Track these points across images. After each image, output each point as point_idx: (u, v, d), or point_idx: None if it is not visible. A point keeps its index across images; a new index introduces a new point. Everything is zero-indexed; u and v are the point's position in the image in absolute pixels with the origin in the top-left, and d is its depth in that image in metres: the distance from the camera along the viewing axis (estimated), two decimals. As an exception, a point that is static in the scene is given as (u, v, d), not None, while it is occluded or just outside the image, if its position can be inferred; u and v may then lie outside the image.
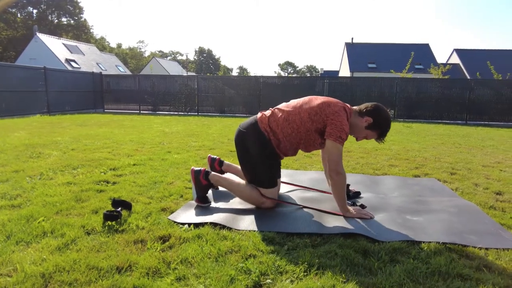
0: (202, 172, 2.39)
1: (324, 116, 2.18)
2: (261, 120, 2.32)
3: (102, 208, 2.24)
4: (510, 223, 2.17)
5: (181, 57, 74.48)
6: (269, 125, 2.29)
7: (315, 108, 2.21)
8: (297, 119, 2.23)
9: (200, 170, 2.40)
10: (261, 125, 2.31)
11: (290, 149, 2.35)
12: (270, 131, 2.28)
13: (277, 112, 2.32)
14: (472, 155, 4.71)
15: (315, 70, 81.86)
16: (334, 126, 2.14)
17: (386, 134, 2.31)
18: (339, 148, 2.14)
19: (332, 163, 2.15)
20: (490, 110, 12.20)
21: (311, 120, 2.20)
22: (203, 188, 2.38)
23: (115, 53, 52.03)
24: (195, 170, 2.41)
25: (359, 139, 2.35)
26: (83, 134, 6.02)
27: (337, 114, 2.16)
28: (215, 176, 2.41)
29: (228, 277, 1.47)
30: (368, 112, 2.24)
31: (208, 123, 9.09)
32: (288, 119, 2.26)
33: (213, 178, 2.40)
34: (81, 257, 1.61)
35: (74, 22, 46.42)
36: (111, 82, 14.72)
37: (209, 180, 2.39)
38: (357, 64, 30.69)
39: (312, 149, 2.37)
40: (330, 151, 2.16)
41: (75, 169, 3.34)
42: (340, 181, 2.15)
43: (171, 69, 45.29)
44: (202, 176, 2.38)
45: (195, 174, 2.39)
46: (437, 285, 1.44)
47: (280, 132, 2.27)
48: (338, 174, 2.14)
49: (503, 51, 30.58)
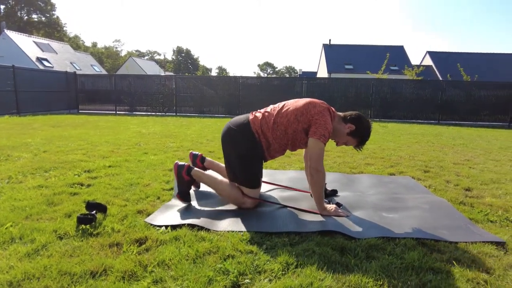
0: (185, 168, 2.38)
1: (309, 116, 2.23)
2: (253, 122, 2.33)
3: (75, 212, 2.17)
4: (478, 218, 2.26)
5: (158, 57, 73.40)
6: (261, 127, 2.31)
7: (301, 108, 2.26)
8: (284, 121, 2.28)
9: (183, 165, 2.40)
10: (253, 126, 2.31)
11: (278, 151, 2.39)
12: (261, 133, 2.30)
13: (267, 115, 2.34)
14: (444, 153, 4.89)
15: (294, 71, 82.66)
16: (318, 125, 2.20)
17: (365, 142, 2.39)
18: (321, 147, 2.19)
19: (313, 161, 2.19)
20: (461, 110, 12.72)
21: (298, 121, 2.25)
22: (185, 184, 2.37)
23: (90, 52, 50.59)
24: (178, 165, 2.40)
25: (339, 144, 2.41)
26: (56, 136, 5.80)
27: (322, 114, 2.22)
28: (197, 172, 2.40)
29: (206, 278, 1.46)
30: (352, 119, 2.32)
31: (186, 124, 8.99)
32: (276, 121, 2.29)
33: (195, 174, 2.39)
34: (53, 263, 1.55)
35: (46, 19, 44.75)
36: (86, 82, 14.29)
37: (191, 176, 2.38)
38: (335, 65, 31.20)
39: (297, 148, 2.41)
40: (313, 149, 2.20)
41: (47, 172, 3.21)
42: (319, 178, 2.19)
43: (149, 68, 44.44)
44: (185, 172, 2.37)
45: (178, 169, 2.38)
46: (411, 279, 1.49)
47: (270, 135, 2.30)
48: (318, 171, 2.18)
49: (471, 53, 31.95)
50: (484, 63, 29.68)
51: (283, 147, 2.36)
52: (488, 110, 12.63)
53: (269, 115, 2.34)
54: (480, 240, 1.88)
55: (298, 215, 2.20)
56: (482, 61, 30.11)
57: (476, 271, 1.57)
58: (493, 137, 7.63)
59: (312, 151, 2.20)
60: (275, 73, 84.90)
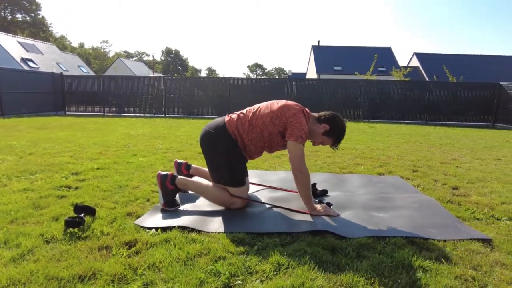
0: (168, 177, 2.33)
1: (284, 119, 2.25)
2: (229, 123, 2.34)
3: (63, 215, 2.12)
4: (465, 216, 2.31)
5: (147, 58, 72.69)
6: (237, 128, 2.32)
7: (276, 111, 2.28)
8: (260, 123, 2.29)
9: (166, 175, 2.34)
10: (229, 127, 2.32)
11: (255, 152, 2.41)
12: (237, 134, 2.32)
13: (243, 116, 2.36)
14: (431, 153, 4.97)
15: (283, 72, 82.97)
16: (294, 127, 2.22)
17: (341, 141, 2.42)
18: (300, 148, 2.21)
19: (294, 163, 2.20)
20: (447, 111, 12.96)
21: (273, 124, 2.27)
22: (170, 193, 2.32)
23: (77, 53, 49.82)
24: (161, 174, 2.34)
25: (316, 144, 2.44)
26: (42, 138, 5.69)
27: (296, 116, 2.25)
28: (182, 180, 2.36)
29: (197, 280, 1.45)
30: (326, 119, 2.34)
31: (176, 125, 8.92)
32: (252, 123, 2.31)
33: (180, 183, 2.35)
34: (39, 268, 1.51)
35: (31, 19, 43.86)
36: (73, 83, 14.05)
37: (175, 184, 2.33)
38: (324, 67, 31.45)
39: (275, 150, 2.43)
40: (292, 151, 2.21)
41: (33, 175, 3.14)
42: (304, 179, 2.20)
43: (137, 69, 44.00)
44: (169, 181, 2.32)
45: (162, 179, 2.32)
46: (401, 277, 1.50)
47: (246, 136, 2.31)
48: (301, 172, 2.20)
49: (457, 55, 32.60)
50: (469, 64, 30.32)
51: (259, 149, 2.38)
52: (473, 111, 12.89)
53: (244, 116, 2.35)
54: (467, 238, 1.91)
55: (289, 216, 2.21)
56: (467, 62, 30.75)
57: (464, 268, 1.59)
58: (478, 136, 7.79)
59: (292, 153, 2.22)
60: (265, 74, 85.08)
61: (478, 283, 1.48)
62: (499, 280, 1.51)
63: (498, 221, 2.24)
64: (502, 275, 1.55)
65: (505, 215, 2.34)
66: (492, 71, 29.42)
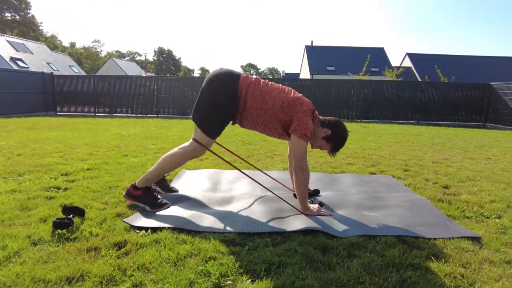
0: (130, 188, 2.32)
1: (294, 111, 2.22)
2: (243, 80, 2.26)
3: (51, 216, 2.09)
4: (455, 214, 2.33)
5: (139, 58, 72.23)
6: (247, 88, 2.24)
7: (289, 99, 2.24)
8: (270, 101, 2.24)
9: (127, 188, 2.35)
10: (241, 83, 2.24)
11: (249, 122, 2.32)
12: (244, 93, 2.24)
13: (258, 82, 2.29)
14: (423, 153, 5.02)
15: (277, 72, 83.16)
16: (300, 123, 2.19)
17: (339, 149, 2.40)
18: (304, 145, 2.19)
19: (297, 160, 2.19)
20: (439, 111, 13.10)
21: (281, 109, 2.23)
22: (145, 197, 2.30)
23: (68, 52, 49.28)
24: (125, 193, 2.36)
25: (314, 146, 2.42)
26: (31, 138, 5.60)
27: (306, 113, 2.22)
28: (141, 179, 2.33)
29: (187, 281, 1.43)
30: (329, 124, 2.33)
31: (168, 125, 8.87)
32: (263, 95, 2.25)
33: (141, 182, 2.32)
34: (26, 270, 1.48)
35: (20, 18, 43.22)
36: (64, 83, 13.88)
37: (139, 187, 2.31)
38: (317, 67, 31.57)
39: (270, 134, 2.37)
40: (296, 147, 2.20)
41: (21, 176, 3.09)
42: (303, 177, 2.19)
43: (129, 69, 43.66)
44: (132, 190, 2.31)
45: (128, 195, 2.33)
46: (391, 276, 1.51)
47: (250, 101, 2.24)
48: (303, 170, 2.18)
49: (449, 55, 32.99)
50: (460, 65, 30.72)
51: (254, 122, 2.31)
52: (464, 111, 13.06)
53: (260, 83, 2.29)
54: (457, 236, 1.93)
55: (280, 215, 2.20)
56: (458, 63, 31.15)
57: (453, 266, 1.60)
58: (469, 136, 7.89)
59: (295, 149, 2.20)
60: (258, 74, 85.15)
61: (467, 281, 1.49)
62: (487, 277, 1.53)
63: (487, 219, 2.26)
64: (490, 272, 1.56)
65: (494, 213, 2.37)
66: (482, 72, 29.87)
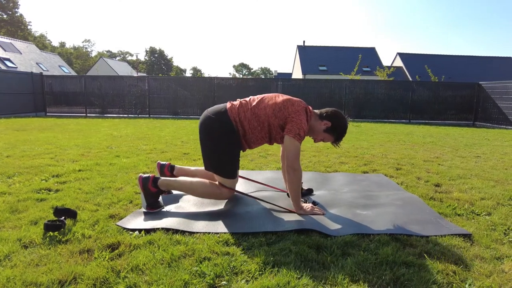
0: (150, 179, 2.28)
1: (286, 113, 2.24)
2: (230, 110, 2.30)
3: (42, 218, 2.06)
4: (447, 212, 2.36)
5: (131, 58, 71.60)
6: (239, 115, 2.28)
7: (279, 104, 2.26)
8: (262, 113, 2.27)
9: (148, 177, 2.28)
10: (231, 114, 2.28)
11: (255, 142, 2.36)
12: (238, 121, 2.28)
13: (245, 104, 2.32)
14: (415, 151, 5.07)
15: (269, 72, 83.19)
16: (294, 123, 2.21)
17: (342, 138, 2.42)
18: (297, 145, 2.20)
19: (289, 160, 2.20)
20: (430, 110, 13.26)
21: (275, 116, 2.25)
22: (153, 196, 2.27)
23: (58, 52, 48.67)
24: (143, 177, 2.28)
25: (317, 140, 2.43)
26: (20, 140, 5.52)
27: (298, 113, 2.24)
28: (164, 181, 2.31)
29: (181, 282, 1.43)
30: (327, 116, 2.34)
31: (160, 126, 8.82)
32: (254, 112, 2.28)
33: (162, 184, 2.30)
34: (16, 274, 1.46)
35: (8, 17, 42.50)
36: (53, 84, 13.69)
37: (158, 186, 2.29)
38: (309, 67, 31.67)
39: (275, 142, 2.41)
40: (288, 147, 2.21)
41: (11, 178, 3.04)
42: (296, 177, 2.20)
43: (120, 69, 43.25)
44: (151, 184, 2.27)
45: (143, 182, 2.27)
46: (385, 273, 1.52)
47: (247, 124, 2.28)
48: (295, 170, 2.19)
49: (438, 55, 33.41)
50: (450, 65, 31.10)
51: (259, 139, 2.35)
52: (455, 110, 13.24)
53: (247, 104, 2.32)
54: (449, 233, 1.95)
55: (274, 215, 2.20)
56: (448, 63, 31.54)
57: (446, 263, 1.62)
58: (459, 135, 8.00)
59: (288, 149, 2.21)
60: (251, 74, 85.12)
61: (459, 277, 1.51)
62: (478, 274, 1.55)
63: (478, 216, 2.30)
64: (481, 269, 1.59)
65: (484, 210, 2.41)
66: (471, 71, 30.31)
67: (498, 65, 31.97)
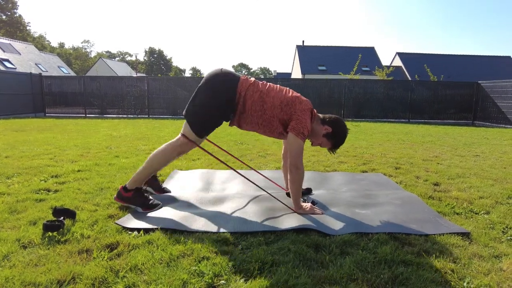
0: (120, 190, 2.30)
1: (293, 110, 2.23)
2: (242, 82, 2.25)
3: (41, 219, 2.06)
4: (445, 211, 2.36)
5: (130, 58, 71.54)
6: (246, 91, 2.24)
7: (288, 99, 2.25)
8: (269, 101, 2.24)
9: (118, 190, 2.32)
10: (240, 85, 2.24)
11: (248, 124, 2.32)
12: (243, 96, 2.23)
13: (257, 85, 2.29)
14: (414, 151, 5.08)
15: (268, 72, 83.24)
16: (299, 121, 2.20)
17: (339, 146, 2.41)
18: (300, 144, 2.20)
19: (292, 158, 2.19)
20: (429, 109, 13.28)
21: (281, 109, 2.24)
22: (136, 198, 2.28)
23: (57, 53, 48.61)
24: (116, 195, 2.33)
25: (314, 144, 2.43)
26: (19, 140, 5.51)
27: (304, 112, 2.24)
28: (131, 180, 2.31)
29: (180, 281, 1.43)
30: (330, 122, 2.34)
31: (159, 126, 8.82)
32: (263, 96, 2.24)
33: (130, 183, 2.30)
34: (15, 274, 1.46)
35: (7, 17, 42.47)
36: (53, 84, 13.68)
37: (129, 189, 2.29)
38: (308, 66, 31.68)
39: (270, 135, 2.37)
40: (292, 145, 2.20)
41: (9, 178, 3.04)
42: (298, 176, 2.20)
43: (120, 70, 43.23)
44: (123, 191, 2.28)
45: (119, 197, 2.30)
46: (384, 272, 1.52)
47: (250, 103, 2.24)
48: (297, 168, 2.19)
49: (437, 55, 33.43)
50: (449, 64, 31.12)
51: (254, 124, 2.31)
52: (454, 109, 13.25)
53: (259, 86, 2.29)
54: (447, 232, 1.95)
55: (273, 214, 2.21)
56: (447, 62, 31.56)
57: (444, 261, 1.63)
58: (458, 134, 8.00)
59: (291, 147, 2.21)
60: (250, 74, 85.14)
61: (457, 276, 1.52)
62: (476, 272, 1.55)
63: (476, 215, 2.30)
64: (479, 267, 1.59)
65: (482, 209, 2.41)
66: (471, 71, 30.34)
67: (497, 64, 32.01)
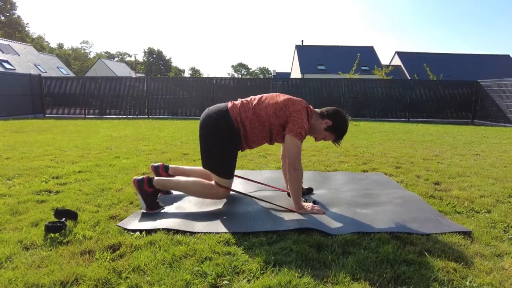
0: (145, 181, 2.27)
1: (287, 113, 2.25)
2: (232, 109, 2.30)
3: (43, 220, 2.06)
4: (446, 210, 2.36)
5: (129, 58, 71.52)
6: (240, 115, 2.28)
7: (281, 104, 2.27)
8: (263, 113, 2.27)
9: (142, 179, 2.28)
10: (232, 113, 2.28)
11: (255, 141, 2.37)
12: (240, 121, 2.28)
13: (246, 103, 2.33)
14: (414, 150, 5.08)
15: (268, 72, 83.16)
16: (295, 122, 2.22)
17: (343, 137, 2.43)
18: (298, 144, 2.21)
19: (290, 159, 2.20)
20: (428, 108, 13.29)
21: (276, 115, 2.26)
22: (150, 196, 2.27)
23: (56, 54, 48.54)
24: (137, 179, 2.28)
25: (318, 139, 2.44)
26: (19, 141, 5.51)
27: (299, 112, 2.25)
28: (159, 181, 2.31)
29: (183, 282, 1.43)
30: (328, 115, 2.35)
31: (159, 126, 8.82)
32: (255, 111, 2.28)
33: (158, 183, 2.29)
34: (18, 275, 1.46)
35: (6, 18, 42.42)
36: (52, 85, 13.68)
37: (154, 186, 2.29)
38: (307, 66, 31.69)
39: (275, 142, 2.41)
40: (290, 146, 2.21)
41: (10, 180, 3.04)
42: (296, 176, 2.20)
43: (119, 70, 43.22)
44: (146, 185, 2.27)
45: (139, 184, 2.26)
46: (386, 271, 1.52)
47: (248, 124, 2.28)
48: (295, 169, 2.19)
49: (436, 54, 33.46)
50: (448, 63, 31.17)
51: (260, 139, 2.36)
52: (453, 108, 13.28)
53: (248, 103, 2.33)
54: (449, 231, 1.96)
55: (275, 214, 2.21)
56: (446, 61, 31.61)
57: (446, 260, 1.63)
58: (458, 133, 8.01)
59: (289, 148, 2.22)
60: (249, 74, 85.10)
61: (459, 274, 1.52)
62: (479, 271, 1.56)
63: (478, 214, 2.30)
64: (481, 266, 1.59)
65: (484, 208, 2.42)
66: (470, 70, 30.37)
67: (496, 63, 32.05)
